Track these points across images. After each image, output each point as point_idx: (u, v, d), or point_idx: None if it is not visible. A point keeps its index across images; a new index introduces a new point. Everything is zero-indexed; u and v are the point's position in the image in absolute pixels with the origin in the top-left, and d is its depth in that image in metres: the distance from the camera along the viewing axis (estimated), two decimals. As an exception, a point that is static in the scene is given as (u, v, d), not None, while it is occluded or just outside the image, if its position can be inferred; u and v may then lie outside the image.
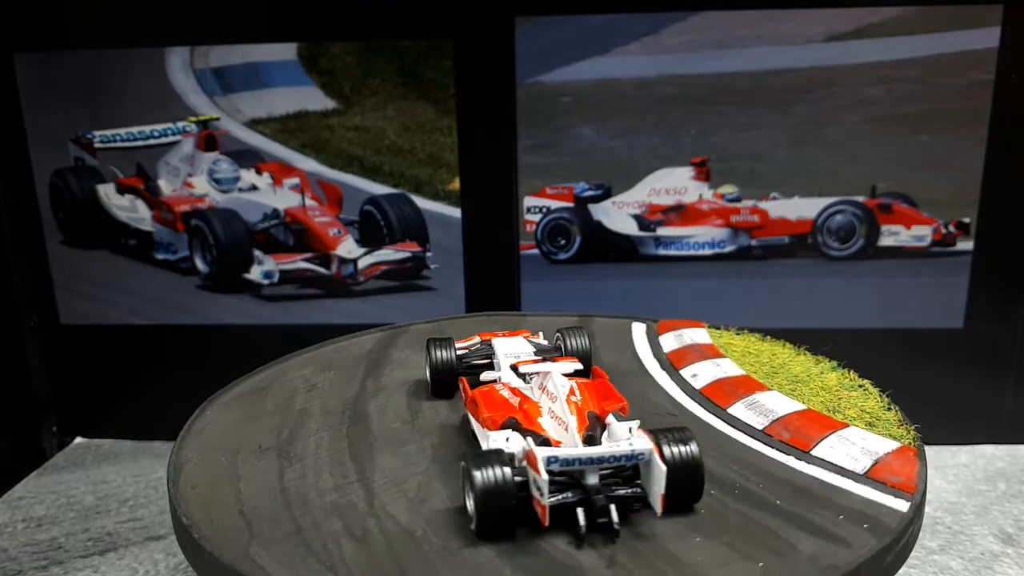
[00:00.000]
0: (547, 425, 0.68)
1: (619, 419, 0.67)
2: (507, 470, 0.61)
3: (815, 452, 0.74)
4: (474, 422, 0.74)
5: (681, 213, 1.42)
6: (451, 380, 0.85)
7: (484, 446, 0.68)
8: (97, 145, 1.45)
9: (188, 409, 0.83)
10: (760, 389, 0.86)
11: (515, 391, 0.73)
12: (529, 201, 1.43)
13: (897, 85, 1.35)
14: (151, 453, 1.50)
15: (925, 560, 1.14)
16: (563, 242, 1.45)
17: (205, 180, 1.46)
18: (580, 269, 1.45)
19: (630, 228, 1.44)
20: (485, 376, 0.78)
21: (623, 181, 1.42)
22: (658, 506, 0.62)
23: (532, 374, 0.74)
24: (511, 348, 0.83)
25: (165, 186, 1.47)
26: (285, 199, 1.46)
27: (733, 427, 0.79)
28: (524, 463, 0.63)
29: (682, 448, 0.63)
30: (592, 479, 0.62)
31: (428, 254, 1.46)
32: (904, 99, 1.35)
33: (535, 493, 0.61)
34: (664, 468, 0.61)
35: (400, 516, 0.66)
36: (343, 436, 0.79)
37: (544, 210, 1.43)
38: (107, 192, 1.48)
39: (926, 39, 1.33)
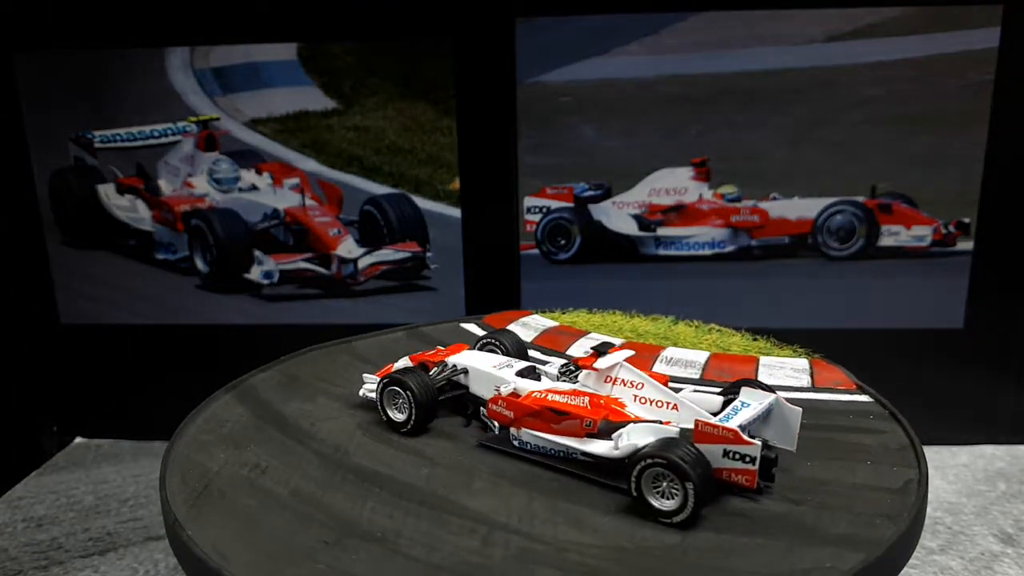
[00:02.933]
0: (641, 412, 0.68)
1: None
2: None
3: (763, 380, 0.78)
4: (551, 436, 0.69)
5: (681, 213, 1.42)
6: (433, 413, 0.76)
7: (608, 449, 0.66)
8: (97, 145, 1.45)
9: (188, 409, 0.83)
10: (661, 349, 0.94)
11: (561, 392, 0.70)
12: (529, 201, 1.43)
13: (897, 85, 1.35)
14: (151, 453, 1.50)
15: (925, 560, 1.14)
16: (563, 242, 1.45)
17: (205, 180, 1.46)
18: (580, 269, 1.45)
19: (630, 228, 1.44)
20: (505, 388, 0.73)
21: (623, 181, 1.42)
22: (794, 445, 0.67)
23: (600, 369, 0.70)
24: (487, 361, 0.77)
25: (165, 186, 1.47)
26: (285, 199, 1.46)
27: (673, 380, 0.80)
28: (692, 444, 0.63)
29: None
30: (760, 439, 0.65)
31: (428, 254, 1.46)
32: (904, 99, 1.35)
33: (739, 464, 0.62)
34: (799, 409, 0.67)
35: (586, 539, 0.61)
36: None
37: (544, 210, 1.43)
38: (107, 192, 1.48)
39: (926, 39, 1.33)
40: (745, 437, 0.62)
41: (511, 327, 0.97)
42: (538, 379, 0.75)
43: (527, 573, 0.57)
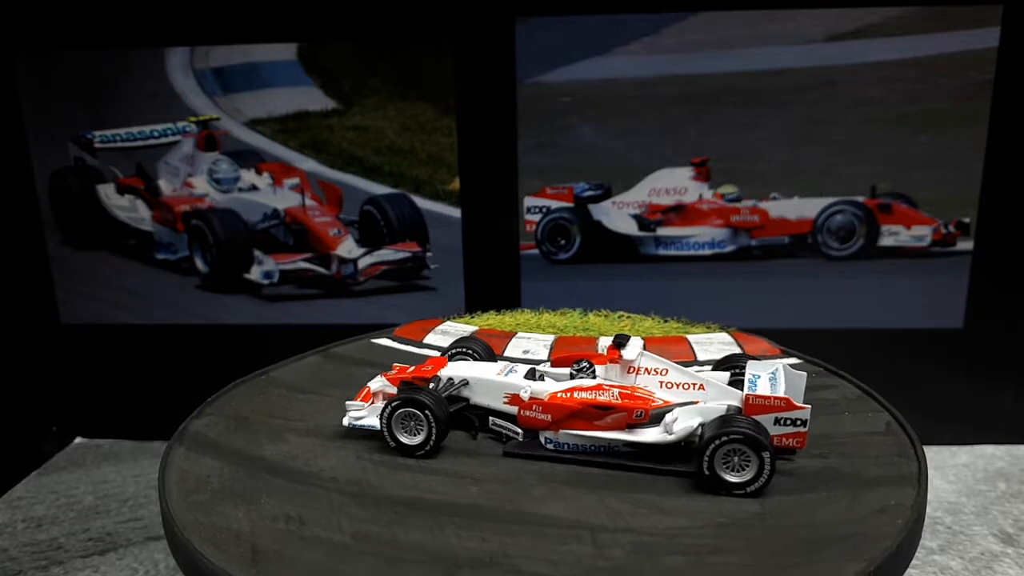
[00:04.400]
0: (670, 397, 0.69)
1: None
2: None
3: (700, 358, 0.83)
4: (596, 433, 0.69)
5: (681, 213, 1.42)
6: (447, 431, 0.72)
7: (660, 435, 0.67)
8: (97, 145, 1.45)
9: (188, 409, 0.83)
10: (596, 340, 0.93)
11: (576, 389, 0.70)
12: (529, 201, 1.43)
13: (897, 85, 1.35)
14: (151, 453, 1.50)
15: (925, 560, 1.14)
16: (563, 242, 1.45)
17: (205, 180, 1.46)
18: (580, 269, 1.45)
19: (630, 228, 1.44)
20: (526, 394, 0.71)
21: (623, 181, 1.42)
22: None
23: (627, 360, 0.71)
24: (489, 370, 0.75)
25: (165, 186, 1.47)
26: (285, 199, 1.46)
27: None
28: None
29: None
30: None
31: (428, 254, 1.46)
32: (904, 99, 1.35)
33: (791, 429, 0.66)
34: (804, 373, 0.69)
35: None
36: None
37: (544, 210, 1.43)
38: (107, 192, 1.48)
39: (926, 39, 1.33)
40: (796, 403, 0.65)
41: (431, 338, 0.96)
42: (542, 379, 0.75)
43: (658, 565, 0.57)
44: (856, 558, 0.57)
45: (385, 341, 0.98)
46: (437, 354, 0.85)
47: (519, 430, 0.72)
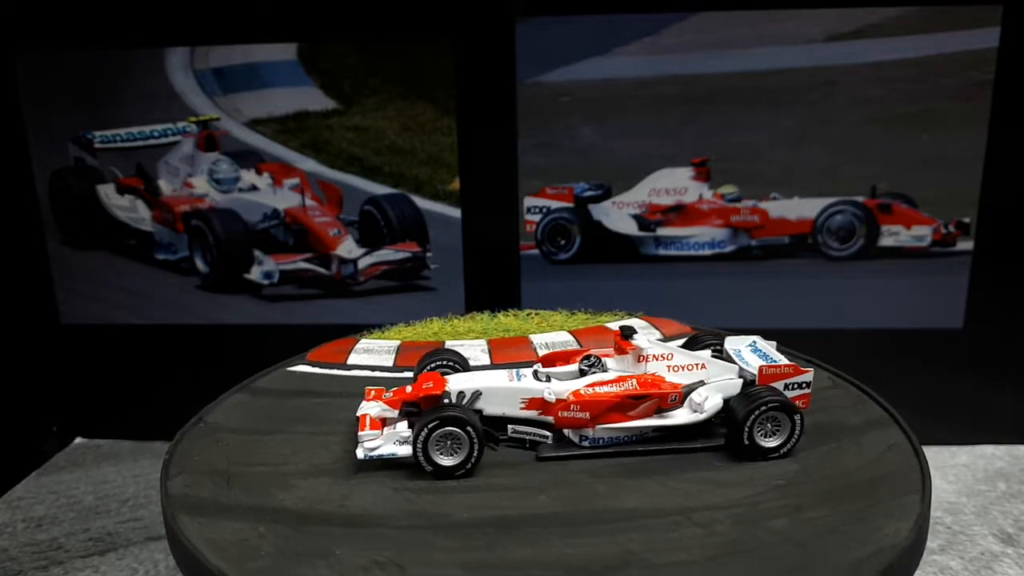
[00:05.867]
0: (678, 379, 0.72)
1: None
2: None
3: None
4: (631, 423, 0.71)
5: (681, 213, 1.42)
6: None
7: (691, 415, 0.71)
8: (97, 145, 1.45)
9: (188, 409, 0.83)
10: (527, 340, 0.95)
11: (601, 383, 0.71)
12: (529, 201, 1.43)
13: (897, 85, 1.35)
14: (151, 453, 1.50)
15: (925, 560, 1.14)
16: (563, 242, 1.45)
17: (205, 180, 1.46)
18: (580, 269, 1.45)
19: (630, 228, 1.44)
20: (550, 395, 0.70)
21: (623, 181, 1.42)
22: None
23: (640, 348, 0.73)
24: (499, 378, 0.73)
25: (165, 186, 1.47)
26: (285, 199, 1.46)
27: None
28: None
29: None
30: None
31: (428, 254, 1.46)
32: (904, 99, 1.35)
33: (798, 392, 0.72)
34: (773, 341, 0.77)
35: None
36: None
37: (544, 210, 1.43)
38: (107, 192, 1.48)
39: (926, 39, 1.33)
40: (802, 368, 0.72)
41: (356, 358, 0.92)
42: (548, 380, 0.74)
43: (768, 530, 0.61)
44: (906, 491, 0.66)
45: (304, 368, 0.91)
46: (365, 374, 0.85)
47: (547, 433, 0.72)
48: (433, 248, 1.45)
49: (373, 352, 0.95)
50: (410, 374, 0.85)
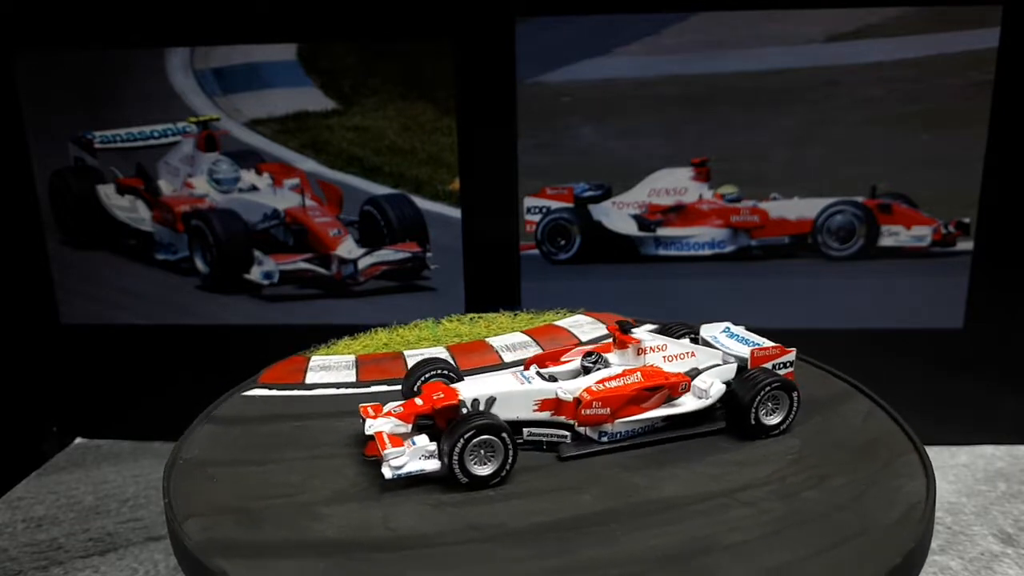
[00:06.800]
0: (673, 368, 0.74)
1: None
2: None
3: (583, 339, 0.90)
4: (645, 415, 0.72)
5: (681, 213, 1.42)
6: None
7: (698, 402, 0.73)
8: (97, 145, 1.45)
9: (188, 409, 0.83)
10: (485, 344, 0.95)
11: (612, 378, 0.71)
12: (529, 201, 1.43)
13: (897, 85, 1.35)
14: (151, 453, 1.50)
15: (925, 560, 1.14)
16: (563, 242, 1.45)
17: (205, 180, 1.46)
18: (580, 269, 1.45)
19: (630, 228, 1.44)
20: (565, 395, 0.71)
21: (623, 181, 1.42)
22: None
23: (640, 340, 0.75)
24: (510, 383, 0.72)
25: (165, 186, 1.47)
26: (285, 199, 1.46)
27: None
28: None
29: None
30: None
31: (428, 254, 1.46)
32: (904, 99, 1.35)
33: (784, 370, 0.76)
34: (742, 325, 0.81)
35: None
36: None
37: (544, 210, 1.43)
38: (107, 192, 1.48)
39: (926, 39, 1.33)
40: (786, 348, 0.76)
41: (314, 376, 0.88)
42: (554, 380, 0.74)
43: (807, 502, 0.64)
44: (901, 451, 0.72)
45: (261, 392, 0.86)
46: (331, 392, 0.83)
47: (566, 433, 0.71)
48: (433, 248, 1.45)
49: (331, 369, 0.91)
50: (379, 389, 0.84)
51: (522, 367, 0.76)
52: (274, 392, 0.86)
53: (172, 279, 1.49)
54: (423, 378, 0.75)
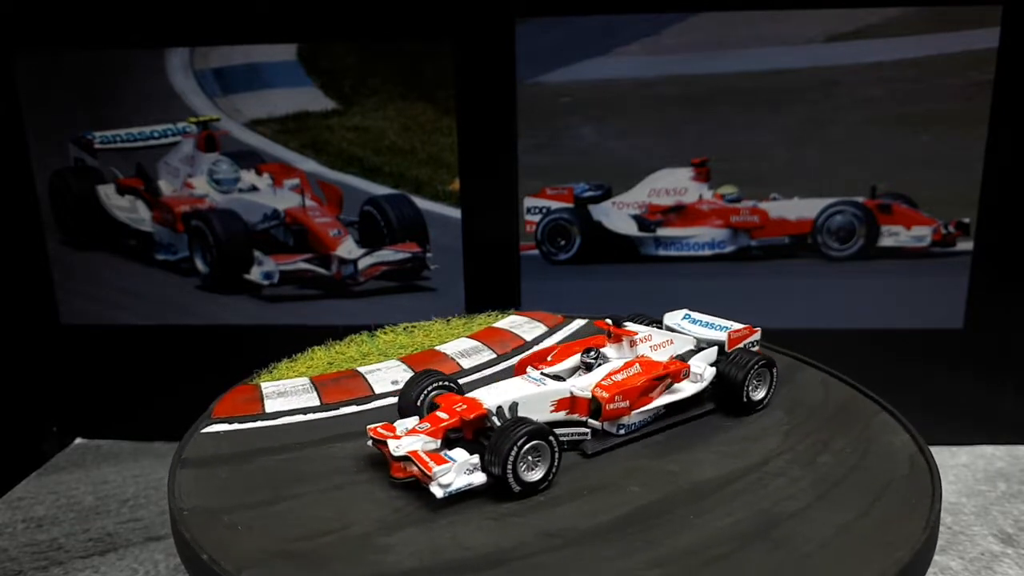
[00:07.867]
0: (660, 356, 0.77)
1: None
2: None
3: (528, 339, 0.93)
4: (654, 404, 0.75)
5: (681, 213, 1.42)
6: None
7: (695, 386, 0.77)
8: (97, 145, 1.45)
9: (188, 409, 0.83)
10: (440, 353, 0.95)
11: (618, 371, 0.73)
12: (529, 202, 1.43)
13: (897, 85, 1.35)
14: (151, 454, 1.50)
15: (925, 560, 1.14)
16: (563, 242, 1.45)
17: (205, 181, 1.46)
18: (580, 269, 1.45)
19: (630, 228, 1.44)
20: (579, 392, 0.71)
21: (623, 181, 1.42)
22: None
23: (635, 332, 0.78)
24: (526, 387, 0.71)
25: (165, 187, 1.47)
26: (285, 200, 1.46)
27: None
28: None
29: None
30: None
31: (428, 254, 1.46)
32: (904, 99, 1.35)
33: (756, 347, 0.83)
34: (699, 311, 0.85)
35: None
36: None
37: (544, 211, 1.43)
38: (107, 192, 1.48)
39: (926, 39, 1.33)
40: (754, 328, 0.83)
41: (273, 404, 0.83)
42: (562, 379, 0.74)
43: (824, 469, 0.69)
44: (874, 411, 0.79)
45: (223, 427, 0.79)
46: (300, 419, 0.79)
47: (586, 430, 0.73)
48: (433, 248, 1.45)
49: (287, 395, 0.85)
50: (350, 409, 0.81)
51: (521, 372, 0.77)
52: (237, 426, 0.80)
53: (172, 279, 1.49)
54: (426, 392, 0.73)
